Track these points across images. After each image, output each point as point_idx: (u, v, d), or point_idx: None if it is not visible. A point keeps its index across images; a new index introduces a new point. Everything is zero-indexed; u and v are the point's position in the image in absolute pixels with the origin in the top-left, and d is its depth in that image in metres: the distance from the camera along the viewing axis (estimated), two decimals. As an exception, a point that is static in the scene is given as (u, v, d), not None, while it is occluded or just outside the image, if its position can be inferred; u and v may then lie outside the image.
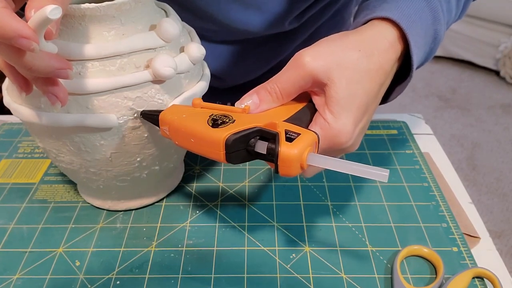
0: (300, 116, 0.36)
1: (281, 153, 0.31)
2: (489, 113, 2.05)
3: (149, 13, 0.38)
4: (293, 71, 0.35)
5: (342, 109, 0.34)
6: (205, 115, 0.35)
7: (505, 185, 1.64)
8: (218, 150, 0.32)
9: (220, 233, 0.45)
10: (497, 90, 2.22)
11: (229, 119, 0.34)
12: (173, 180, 0.50)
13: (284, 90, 0.36)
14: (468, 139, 1.90)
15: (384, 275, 0.40)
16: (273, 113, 0.36)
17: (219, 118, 0.34)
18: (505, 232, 1.46)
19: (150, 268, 0.41)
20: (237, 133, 0.32)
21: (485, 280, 0.40)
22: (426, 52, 0.40)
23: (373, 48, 0.35)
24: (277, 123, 0.32)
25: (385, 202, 0.48)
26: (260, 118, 0.34)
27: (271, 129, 0.32)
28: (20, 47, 0.27)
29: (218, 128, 0.33)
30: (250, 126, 0.33)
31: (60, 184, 0.51)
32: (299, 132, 0.32)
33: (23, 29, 0.26)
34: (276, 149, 0.31)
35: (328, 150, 0.35)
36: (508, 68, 2.21)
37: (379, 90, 0.36)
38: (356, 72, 0.34)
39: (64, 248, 0.43)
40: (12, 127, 0.61)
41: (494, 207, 1.55)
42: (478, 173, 1.69)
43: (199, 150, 0.34)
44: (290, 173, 0.32)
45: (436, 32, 0.39)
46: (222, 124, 0.33)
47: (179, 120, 0.35)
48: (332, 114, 0.34)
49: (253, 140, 0.33)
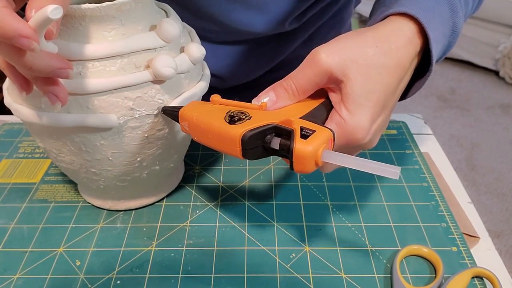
0: (316, 113, 0.36)
1: (295, 150, 0.31)
2: (489, 113, 2.06)
3: (150, 13, 0.38)
4: (308, 68, 0.35)
5: (358, 106, 0.34)
6: (223, 112, 0.35)
7: (504, 185, 1.64)
8: (235, 146, 0.33)
9: (220, 233, 0.45)
10: (496, 90, 2.23)
11: (246, 116, 0.34)
12: (173, 180, 0.50)
13: (300, 86, 0.36)
14: (467, 139, 1.90)
15: (383, 275, 0.40)
16: (289, 110, 0.36)
17: (236, 114, 0.35)
18: (504, 232, 1.46)
19: (150, 268, 0.41)
20: (253, 129, 0.33)
21: (484, 279, 0.40)
22: (444, 45, 0.39)
23: (391, 44, 0.35)
24: (292, 120, 0.33)
25: (384, 202, 0.48)
26: (277, 115, 0.34)
27: (286, 126, 0.33)
28: (21, 46, 0.27)
29: (235, 124, 0.33)
30: (266, 123, 0.33)
31: (61, 184, 0.51)
32: (314, 129, 0.32)
33: (24, 29, 0.26)
34: (291, 145, 0.31)
35: (345, 146, 0.35)
36: (508, 68, 2.21)
37: (397, 86, 0.36)
38: (372, 68, 0.34)
39: (65, 248, 0.43)
40: (12, 127, 0.61)
41: (493, 207, 1.55)
42: (478, 173, 1.70)
43: (217, 146, 0.35)
44: (305, 170, 0.32)
45: (454, 25, 0.38)
46: (239, 120, 0.34)
47: (198, 116, 0.36)
48: (348, 111, 0.34)
49: (269, 136, 0.33)
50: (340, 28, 0.66)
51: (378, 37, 0.35)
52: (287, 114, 0.35)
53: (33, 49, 0.27)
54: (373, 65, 0.34)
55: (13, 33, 0.26)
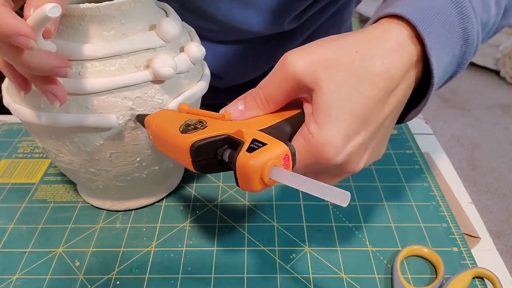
0: (283, 126, 0.32)
1: (236, 163, 0.28)
2: (489, 113, 2.05)
3: (149, 13, 0.38)
4: (276, 74, 0.31)
5: (329, 118, 0.29)
6: (182, 120, 0.33)
7: (505, 185, 1.64)
8: (186, 157, 0.30)
9: (220, 233, 0.45)
10: (497, 90, 2.23)
11: (202, 125, 0.31)
12: (173, 180, 0.50)
13: (268, 95, 0.31)
14: (468, 139, 1.90)
15: (384, 275, 0.40)
16: (254, 121, 0.32)
17: (192, 123, 0.32)
18: (505, 232, 1.46)
19: (150, 268, 0.41)
20: (203, 139, 0.30)
21: (485, 280, 0.40)
22: (455, 55, 0.33)
23: (375, 49, 0.30)
24: (243, 131, 0.29)
25: (385, 202, 0.48)
26: (235, 126, 0.31)
27: (238, 137, 0.29)
28: (18, 45, 0.27)
29: (187, 134, 0.31)
30: (219, 133, 0.30)
31: (60, 184, 0.51)
32: (267, 142, 0.28)
33: (22, 27, 0.26)
34: (233, 158, 0.28)
35: (314, 167, 0.30)
36: (508, 68, 2.21)
37: (385, 99, 0.30)
38: (349, 75, 0.29)
39: (64, 248, 0.43)
40: (11, 127, 0.61)
41: (494, 207, 1.55)
42: (478, 173, 1.69)
43: (173, 156, 0.33)
44: (249, 187, 0.28)
45: (466, 32, 0.32)
46: (194, 130, 0.31)
47: (157, 124, 0.34)
48: (317, 124, 0.29)
49: (221, 148, 0.30)
50: (340, 28, 0.65)
51: (360, 41, 0.30)
52: (248, 125, 0.31)
53: (31, 47, 0.27)
54: (351, 73, 0.29)
55: (11, 32, 0.26)
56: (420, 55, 0.31)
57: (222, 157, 0.30)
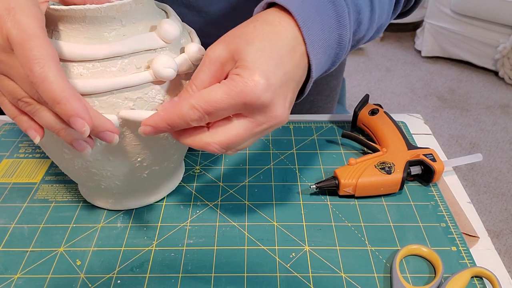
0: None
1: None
2: (488, 113, 2.06)
3: (150, 14, 0.39)
4: (201, 63, 0.35)
5: (251, 63, 0.33)
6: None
7: (504, 185, 1.64)
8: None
9: (220, 233, 0.45)
10: (495, 91, 2.23)
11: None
12: (173, 180, 0.50)
13: (197, 81, 0.35)
14: (466, 139, 1.90)
15: (383, 274, 0.41)
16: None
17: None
18: (504, 231, 1.46)
19: (150, 267, 0.41)
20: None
21: (483, 279, 0.40)
22: (330, 56, 0.39)
23: (270, 20, 0.36)
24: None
25: (384, 202, 0.48)
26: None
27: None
28: (102, 139, 0.33)
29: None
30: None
31: (61, 184, 0.51)
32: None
33: (109, 125, 0.32)
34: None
35: (242, 108, 0.33)
36: (507, 68, 2.21)
37: (290, 50, 0.35)
38: (256, 34, 0.34)
39: (65, 248, 0.43)
40: (13, 127, 0.61)
41: (493, 207, 1.55)
42: (477, 173, 1.70)
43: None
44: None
45: (341, 37, 0.39)
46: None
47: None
48: (241, 68, 0.33)
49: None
50: None
51: (253, 18, 0.36)
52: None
53: (84, 131, 0.30)
54: (256, 32, 0.34)
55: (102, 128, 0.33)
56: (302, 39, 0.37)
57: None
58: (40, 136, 0.34)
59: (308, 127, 0.60)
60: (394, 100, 2.18)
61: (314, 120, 0.61)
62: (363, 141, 0.54)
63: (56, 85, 0.29)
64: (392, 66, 2.49)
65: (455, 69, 2.42)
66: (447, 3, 2.31)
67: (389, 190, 0.48)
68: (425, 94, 2.20)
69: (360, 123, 0.57)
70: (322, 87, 0.77)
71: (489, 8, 2.14)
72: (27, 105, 0.32)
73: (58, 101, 0.29)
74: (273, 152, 0.56)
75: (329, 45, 0.38)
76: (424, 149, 0.51)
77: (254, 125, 0.34)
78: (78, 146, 0.33)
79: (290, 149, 0.56)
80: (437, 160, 0.49)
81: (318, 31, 0.37)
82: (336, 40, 0.39)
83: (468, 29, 2.27)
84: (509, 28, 2.14)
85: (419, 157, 0.49)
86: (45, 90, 0.29)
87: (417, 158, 0.49)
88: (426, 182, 0.50)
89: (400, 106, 2.13)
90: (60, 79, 0.29)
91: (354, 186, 0.47)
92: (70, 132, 0.33)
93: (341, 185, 0.47)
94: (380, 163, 0.48)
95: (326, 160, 0.54)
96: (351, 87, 2.28)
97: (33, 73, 0.28)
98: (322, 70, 0.40)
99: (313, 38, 0.36)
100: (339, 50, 0.40)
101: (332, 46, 0.39)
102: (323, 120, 0.62)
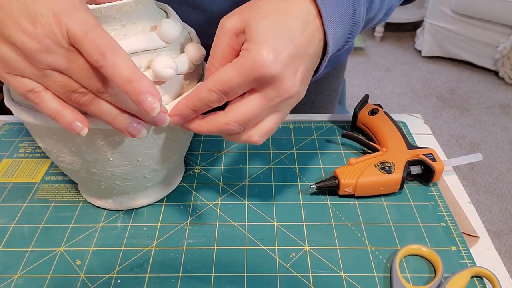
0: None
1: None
2: (488, 113, 2.06)
3: (150, 14, 0.39)
4: (217, 36, 0.36)
5: (261, 37, 0.34)
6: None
7: (504, 185, 1.64)
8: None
9: (220, 233, 0.45)
10: (495, 90, 2.23)
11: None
12: (173, 180, 0.50)
13: (216, 55, 0.36)
14: (466, 139, 1.90)
15: (383, 274, 0.41)
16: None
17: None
18: (504, 231, 1.46)
19: (150, 267, 0.41)
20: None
21: (483, 279, 0.40)
22: (345, 32, 0.40)
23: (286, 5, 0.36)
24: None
25: (384, 202, 0.48)
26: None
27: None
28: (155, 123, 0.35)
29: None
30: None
31: (61, 184, 0.51)
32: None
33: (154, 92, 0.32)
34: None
35: (253, 82, 0.34)
36: (507, 68, 2.21)
37: (302, 26, 0.36)
38: (269, 9, 0.35)
39: (65, 247, 0.43)
40: (13, 127, 0.61)
41: (493, 207, 1.55)
42: (477, 173, 1.70)
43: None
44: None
45: (355, 13, 0.39)
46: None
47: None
48: (250, 42, 0.34)
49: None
50: None
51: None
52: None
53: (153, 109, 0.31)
54: (269, 8, 0.35)
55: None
56: (319, 15, 0.37)
57: None
58: (88, 127, 0.34)
59: (308, 127, 0.60)
60: (394, 100, 2.18)
61: (314, 120, 0.61)
62: (363, 141, 0.54)
63: (128, 65, 0.31)
64: (392, 66, 2.49)
65: (455, 69, 2.43)
66: (447, 3, 2.31)
67: (389, 190, 0.48)
68: (425, 94, 2.20)
69: (360, 123, 0.57)
70: (323, 87, 0.76)
71: (489, 8, 2.14)
72: (83, 95, 0.33)
73: (131, 80, 0.31)
74: (273, 152, 0.56)
75: (344, 21, 0.38)
76: (424, 149, 0.51)
77: (266, 99, 0.35)
78: (133, 131, 0.35)
79: (290, 149, 0.56)
80: (437, 160, 0.49)
81: (333, 6, 0.37)
82: (351, 16, 0.39)
83: (468, 29, 2.27)
84: (509, 28, 2.14)
85: (419, 157, 0.49)
86: (116, 71, 0.31)
87: (417, 158, 0.50)
88: (426, 182, 0.50)
89: (400, 106, 2.13)
90: (130, 61, 0.31)
91: (354, 186, 0.47)
92: (123, 118, 0.34)
93: (341, 185, 0.47)
94: (380, 163, 0.49)
95: (326, 160, 0.54)
96: (351, 87, 2.28)
97: (105, 57, 0.30)
98: (337, 46, 0.40)
99: (329, 12, 0.37)
100: (353, 26, 0.40)
101: (347, 22, 0.39)
102: (323, 120, 0.62)
